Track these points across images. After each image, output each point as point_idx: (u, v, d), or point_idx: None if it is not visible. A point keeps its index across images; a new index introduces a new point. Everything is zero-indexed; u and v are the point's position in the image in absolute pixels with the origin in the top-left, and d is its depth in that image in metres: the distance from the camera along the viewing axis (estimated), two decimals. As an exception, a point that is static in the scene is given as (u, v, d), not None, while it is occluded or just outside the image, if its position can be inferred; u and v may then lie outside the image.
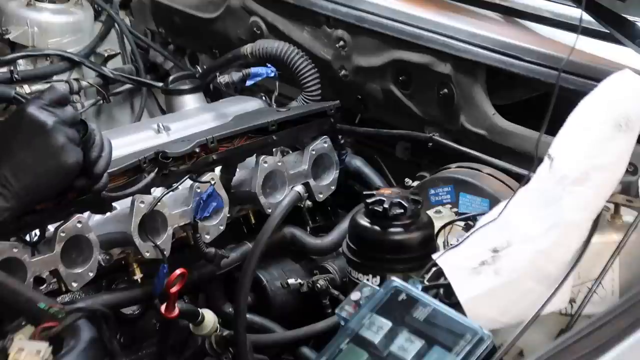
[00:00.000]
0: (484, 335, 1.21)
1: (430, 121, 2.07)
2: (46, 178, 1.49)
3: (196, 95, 2.49)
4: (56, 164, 1.48)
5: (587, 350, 1.15)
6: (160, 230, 1.79)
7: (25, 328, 1.47)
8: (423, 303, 1.27)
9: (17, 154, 1.46)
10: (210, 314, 1.85)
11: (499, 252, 1.33)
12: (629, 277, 1.39)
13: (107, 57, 2.72)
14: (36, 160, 1.47)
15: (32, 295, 1.54)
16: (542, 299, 1.30)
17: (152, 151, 1.77)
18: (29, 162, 1.46)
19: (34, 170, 1.46)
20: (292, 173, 1.98)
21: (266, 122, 1.95)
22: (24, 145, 1.47)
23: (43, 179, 1.48)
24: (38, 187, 1.49)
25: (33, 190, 1.49)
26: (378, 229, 1.63)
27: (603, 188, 1.35)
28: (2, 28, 2.57)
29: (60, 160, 1.48)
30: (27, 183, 1.46)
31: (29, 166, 1.46)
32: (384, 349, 1.23)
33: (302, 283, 1.94)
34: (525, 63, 1.84)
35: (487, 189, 1.79)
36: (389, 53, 2.10)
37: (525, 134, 1.86)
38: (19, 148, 1.46)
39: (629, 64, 1.57)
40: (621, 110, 1.36)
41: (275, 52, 2.22)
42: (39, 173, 1.47)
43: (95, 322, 1.65)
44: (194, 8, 2.62)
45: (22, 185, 1.45)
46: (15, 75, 2.44)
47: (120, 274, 1.86)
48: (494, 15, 2.05)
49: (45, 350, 1.40)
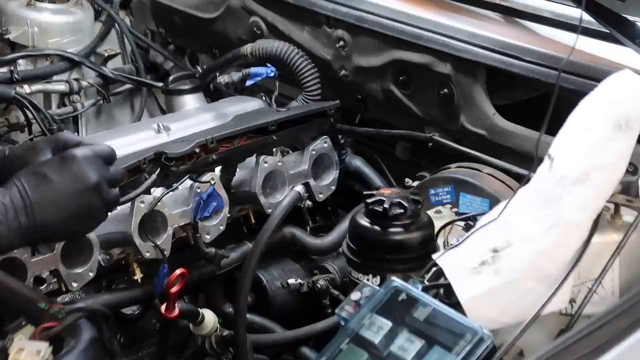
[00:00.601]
0: (484, 335, 1.21)
1: (430, 121, 2.07)
2: (68, 228, 1.45)
3: (196, 95, 2.49)
4: (82, 223, 1.46)
5: (587, 350, 1.15)
6: (160, 230, 1.79)
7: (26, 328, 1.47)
8: (423, 303, 1.27)
9: (51, 192, 1.40)
10: (210, 314, 1.85)
11: (499, 252, 1.33)
12: (629, 277, 1.39)
13: (107, 57, 2.71)
14: (67, 208, 1.41)
15: (32, 295, 1.54)
16: (542, 299, 1.30)
17: (152, 151, 1.77)
18: (59, 206, 1.40)
19: (60, 215, 1.40)
20: (292, 173, 1.98)
21: (266, 122, 1.95)
22: (62, 188, 1.40)
23: (64, 226, 1.43)
24: (54, 232, 1.45)
25: (48, 233, 1.44)
26: (378, 229, 1.63)
27: (603, 188, 1.35)
28: (2, 28, 2.57)
29: (87, 220, 1.45)
30: (48, 223, 1.40)
31: (57, 208, 1.40)
32: (384, 349, 1.23)
33: (302, 283, 1.94)
34: (525, 63, 1.84)
35: (487, 189, 1.79)
36: (389, 53, 2.10)
37: (525, 134, 1.86)
38: (56, 188, 1.40)
39: (629, 64, 1.57)
40: (621, 110, 1.36)
41: (275, 52, 2.22)
42: (63, 219, 1.41)
43: (96, 322, 1.65)
44: (194, 8, 2.62)
45: (41, 222, 1.39)
46: (15, 75, 2.44)
47: (121, 274, 1.87)
48: (494, 15, 2.05)
49: (46, 350, 1.40)
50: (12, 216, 1.35)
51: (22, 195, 1.36)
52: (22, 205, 1.36)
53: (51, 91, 2.55)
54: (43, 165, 1.42)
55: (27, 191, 1.37)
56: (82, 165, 1.41)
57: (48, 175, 1.39)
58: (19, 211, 1.35)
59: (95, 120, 2.70)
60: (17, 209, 1.35)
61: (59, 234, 1.51)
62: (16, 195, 1.36)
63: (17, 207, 1.35)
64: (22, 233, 1.37)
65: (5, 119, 2.48)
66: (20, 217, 1.36)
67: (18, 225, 1.36)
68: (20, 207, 1.36)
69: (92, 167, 1.42)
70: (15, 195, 1.36)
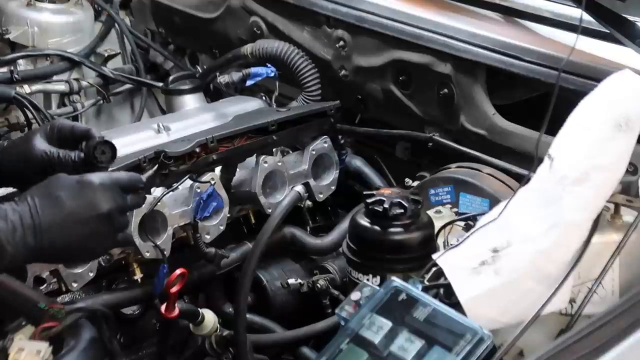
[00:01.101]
0: (484, 335, 1.21)
1: (430, 121, 2.07)
2: (74, 253, 1.44)
3: (196, 95, 2.49)
4: (90, 249, 1.44)
5: (587, 350, 1.15)
6: (160, 230, 1.79)
7: (26, 328, 1.47)
8: (423, 303, 1.27)
9: (62, 216, 1.38)
10: (210, 314, 1.85)
11: (499, 252, 1.33)
12: (629, 277, 1.39)
13: (107, 57, 2.72)
14: (75, 234, 1.39)
15: (32, 295, 1.54)
16: (542, 299, 1.30)
17: (152, 151, 1.77)
18: (68, 231, 1.38)
19: (67, 240, 1.39)
20: (292, 173, 1.98)
21: (266, 122, 1.95)
22: (73, 214, 1.38)
23: (71, 251, 1.42)
24: (60, 256, 1.45)
25: (54, 256, 1.44)
26: (378, 229, 1.62)
27: (603, 188, 1.35)
28: (2, 28, 2.57)
29: (95, 247, 1.43)
30: (55, 246, 1.38)
31: (66, 233, 1.38)
32: (384, 349, 1.23)
33: (302, 283, 1.94)
34: (525, 63, 1.84)
35: (487, 189, 1.79)
36: (389, 53, 2.10)
37: (525, 134, 1.86)
38: (67, 213, 1.38)
39: (629, 64, 1.57)
40: (621, 110, 1.36)
41: (276, 52, 2.22)
42: (71, 244, 1.39)
43: (96, 322, 1.65)
44: (194, 8, 2.62)
45: (49, 245, 1.37)
46: (16, 75, 2.44)
47: (121, 274, 1.87)
48: (494, 15, 2.05)
49: (46, 350, 1.40)
50: (19, 236, 1.33)
51: (33, 215, 1.34)
52: (31, 225, 1.34)
53: (51, 91, 2.55)
54: (59, 188, 1.38)
55: (37, 211, 1.35)
56: (97, 193, 1.39)
57: (62, 199, 1.37)
58: (27, 231, 1.33)
59: (95, 120, 2.70)
60: (25, 228, 1.33)
61: (65, 258, 1.51)
62: (26, 215, 1.34)
63: (25, 226, 1.33)
64: (28, 253, 1.35)
65: (5, 119, 2.48)
66: (28, 237, 1.34)
67: (24, 245, 1.34)
68: (29, 227, 1.34)
69: (107, 196, 1.40)
70: (25, 214, 1.34)
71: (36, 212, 1.35)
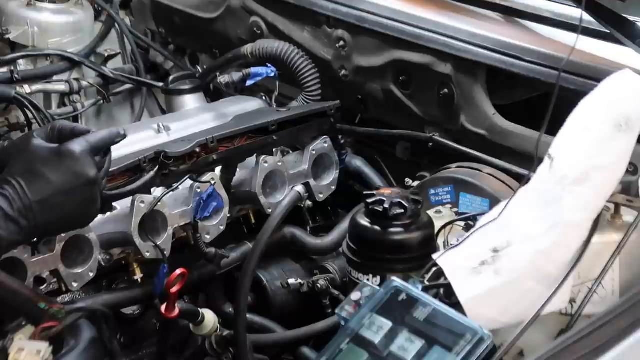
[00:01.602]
0: (484, 335, 1.21)
1: (431, 121, 2.07)
2: (67, 223, 1.48)
3: (196, 95, 2.49)
4: (82, 217, 1.48)
5: (588, 350, 1.15)
6: (160, 230, 1.79)
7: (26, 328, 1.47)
8: (423, 303, 1.27)
9: (51, 190, 1.39)
10: (210, 314, 1.85)
11: (499, 252, 1.33)
12: (629, 277, 1.39)
13: (108, 57, 2.71)
14: (66, 205, 1.41)
15: (33, 295, 1.53)
16: (542, 299, 1.30)
17: (152, 151, 1.77)
18: (59, 204, 1.40)
19: (59, 213, 1.41)
20: (293, 173, 1.98)
21: (266, 122, 1.95)
22: (61, 187, 1.40)
23: (64, 223, 1.46)
24: (54, 229, 1.49)
25: (48, 230, 1.47)
26: (378, 229, 1.62)
27: (603, 188, 1.35)
28: (3, 28, 2.57)
29: (87, 214, 1.47)
30: (48, 222, 1.41)
31: (57, 207, 1.40)
32: (384, 349, 1.23)
33: (303, 283, 1.94)
34: (525, 63, 1.84)
35: (488, 189, 1.79)
36: (389, 53, 2.10)
37: (526, 134, 1.86)
38: (55, 187, 1.39)
39: (629, 64, 1.57)
40: (621, 110, 1.36)
41: (276, 52, 2.22)
42: (63, 216, 1.42)
43: (96, 322, 1.65)
44: (194, 8, 2.62)
45: (42, 222, 1.39)
46: (16, 75, 2.44)
47: (121, 274, 1.86)
48: (494, 15, 2.05)
49: (46, 350, 1.40)
50: (12, 219, 1.34)
51: (22, 197, 1.36)
52: (21, 207, 1.36)
53: (51, 91, 2.55)
54: (41, 162, 1.40)
55: (26, 192, 1.36)
56: (80, 161, 1.41)
57: (46, 174, 1.39)
58: (18, 214, 1.35)
59: (95, 120, 2.70)
60: (16, 211, 1.35)
61: (62, 229, 1.54)
62: (14, 197, 1.35)
63: (16, 209, 1.35)
64: (24, 234, 1.37)
65: (6, 119, 2.48)
66: (20, 220, 1.35)
67: (18, 227, 1.35)
68: (19, 209, 1.35)
69: (89, 162, 1.43)
70: (14, 198, 1.35)
71: (24, 193, 1.36)
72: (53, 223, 1.42)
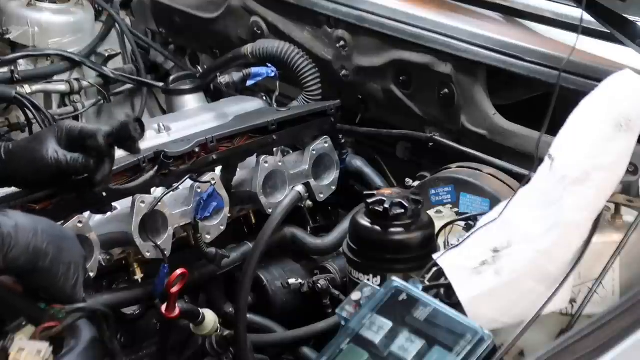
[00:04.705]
0: (484, 335, 1.21)
1: (431, 121, 2.07)
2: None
3: (197, 95, 2.49)
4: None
5: (588, 350, 1.15)
6: (161, 230, 1.79)
7: (26, 328, 1.47)
8: (424, 303, 1.27)
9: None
10: (210, 314, 1.84)
11: (499, 252, 1.33)
12: (629, 277, 1.39)
13: (108, 57, 2.71)
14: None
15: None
16: (543, 299, 1.30)
17: (152, 151, 1.77)
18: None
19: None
20: (293, 173, 1.98)
21: (266, 122, 1.95)
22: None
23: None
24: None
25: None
26: (379, 229, 1.62)
27: (603, 188, 1.35)
28: (3, 28, 2.57)
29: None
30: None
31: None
32: (385, 349, 1.23)
33: (303, 283, 1.94)
34: (525, 63, 1.84)
35: (488, 189, 1.79)
36: (389, 53, 2.10)
37: (526, 134, 1.86)
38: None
39: (629, 64, 1.57)
40: (621, 110, 1.36)
41: (276, 52, 2.22)
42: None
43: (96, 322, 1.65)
44: (194, 8, 2.62)
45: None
46: (16, 75, 2.45)
47: (121, 274, 1.87)
48: (495, 15, 2.05)
49: (46, 351, 1.40)
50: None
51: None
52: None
53: (52, 91, 2.55)
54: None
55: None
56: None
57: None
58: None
59: (95, 120, 2.70)
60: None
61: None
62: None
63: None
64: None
65: (6, 119, 2.48)
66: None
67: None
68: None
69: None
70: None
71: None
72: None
